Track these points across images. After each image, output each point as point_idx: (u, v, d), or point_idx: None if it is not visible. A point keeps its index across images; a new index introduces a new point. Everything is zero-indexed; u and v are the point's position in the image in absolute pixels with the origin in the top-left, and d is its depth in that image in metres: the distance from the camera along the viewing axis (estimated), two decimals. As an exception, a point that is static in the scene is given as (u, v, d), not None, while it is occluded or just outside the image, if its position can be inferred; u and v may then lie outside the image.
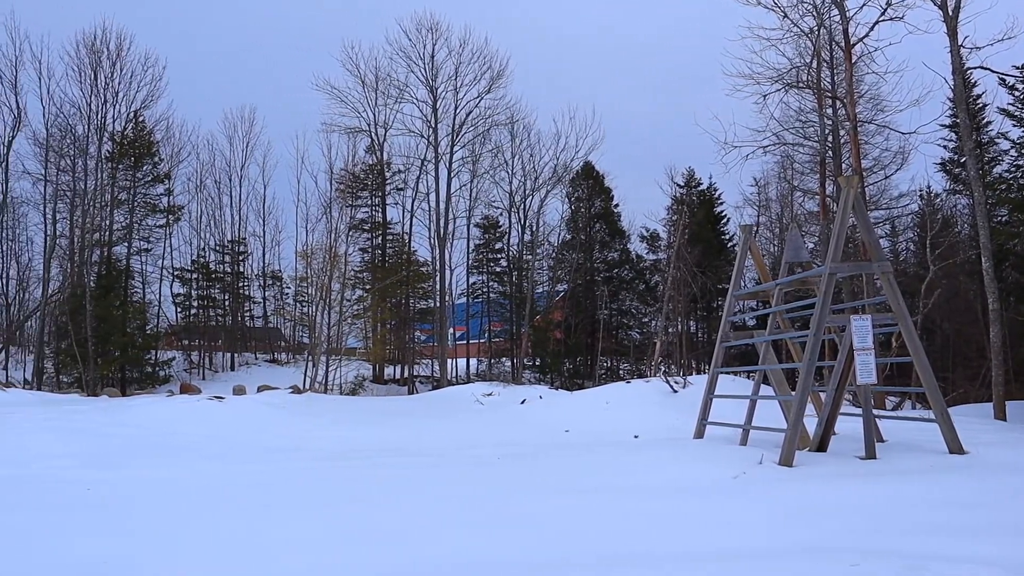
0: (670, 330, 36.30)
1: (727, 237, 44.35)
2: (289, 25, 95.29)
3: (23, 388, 29.88)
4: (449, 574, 5.02)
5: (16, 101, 39.36)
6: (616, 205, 45.50)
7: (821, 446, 10.42)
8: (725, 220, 45.16)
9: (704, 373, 29.06)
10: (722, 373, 13.07)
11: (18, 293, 44.30)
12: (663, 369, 29.21)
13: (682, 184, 45.08)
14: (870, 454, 9.53)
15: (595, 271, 44.63)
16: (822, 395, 11.80)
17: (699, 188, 45.23)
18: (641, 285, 45.20)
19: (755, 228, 32.22)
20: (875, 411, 10.41)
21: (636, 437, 13.71)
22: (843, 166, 25.80)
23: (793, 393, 10.49)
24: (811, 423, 10.98)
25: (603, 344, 39.74)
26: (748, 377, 21.28)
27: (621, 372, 42.08)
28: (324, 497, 8.07)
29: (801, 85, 25.72)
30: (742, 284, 13.31)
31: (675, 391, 18.93)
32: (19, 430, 13.61)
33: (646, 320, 45.35)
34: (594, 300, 43.50)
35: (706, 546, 5.57)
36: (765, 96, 24.61)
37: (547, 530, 6.24)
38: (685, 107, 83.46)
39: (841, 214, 10.24)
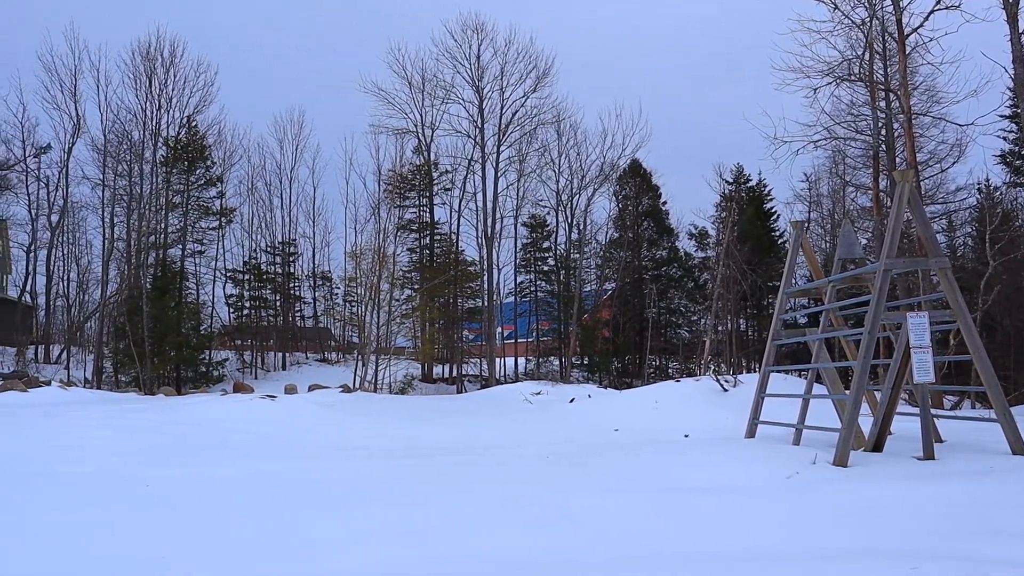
0: (719, 328, 35.93)
1: (777, 234, 43.73)
2: (336, 28, 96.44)
3: (84, 387, 30.66)
4: (498, 572, 5.01)
5: (76, 109, 40.50)
6: (664, 203, 45.23)
7: (877, 446, 10.22)
8: (775, 217, 44.54)
9: (754, 372, 28.69)
10: (774, 372, 12.88)
11: (78, 295, 45.54)
12: (713, 368, 28.93)
13: (731, 181, 44.62)
14: (928, 455, 9.31)
15: (643, 269, 44.36)
16: (877, 394, 11.58)
17: (748, 184, 44.68)
18: (690, 283, 44.81)
19: (806, 224, 31.72)
20: (933, 411, 10.17)
21: (686, 436, 13.59)
22: (897, 160, 25.25)
23: (847, 392, 10.29)
24: (866, 423, 10.78)
25: (652, 343, 39.48)
26: (800, 376, 20.97)
27: (670, 371, 41.79)
28: (370, 494, 8.14)
29: (853, 78, 25.22)
30: (793, 281, 13.11)
31: (725, 390, 18.72)
32: (80, 428, 13.96)
33: (695, 318, 44.97)
34: (642, 298, 43.22)
35: (759, 547, 5.49)
36: (815, 90, 24.17)
37: (594, 530, 6.21)
38: (733, 103, 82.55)
39: (896, 209, 10.02)
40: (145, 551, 5.57)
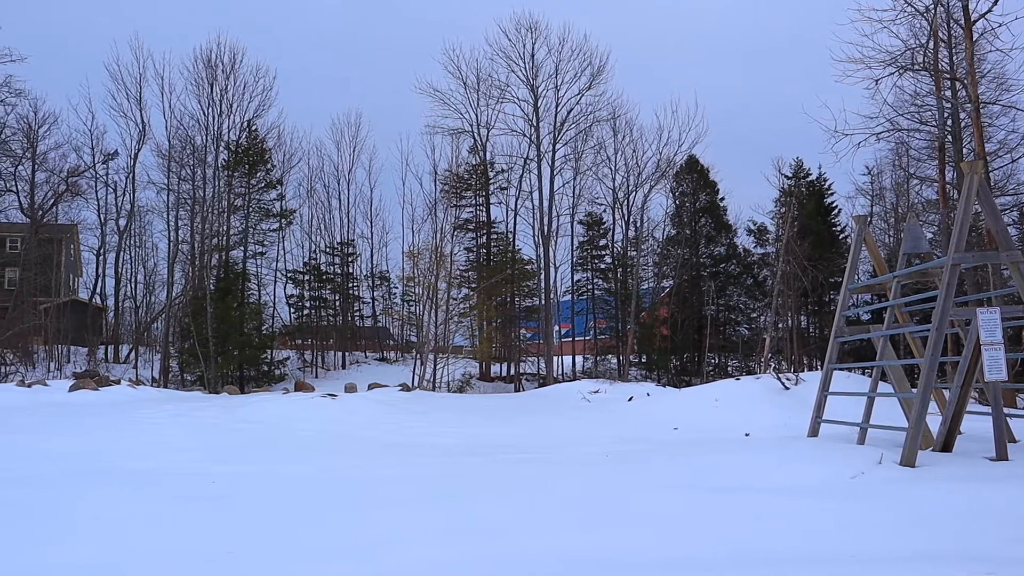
0: (780, 326, 35.36)
1: (839, 229, 42.90)
2: (392, 30, 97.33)
3: (151, 386, 31.50)
4: (557, 570, 5.00)
5: (141, 116, 41.82)
6: (722, 199, 44.70)
7: (946, 446, 9.93)
8: (836, 211, 43.71)
9: (816, 370, 28.15)
10: (836, 369, 12.61)
11: (145, 296, 46.93)
12: (773, 366, 28.46)
13: (790, 175, 43.91)
14: (1001, 455, 9.02)
15: (701, 266, 43.88)
16: (945, 392, 11.27)
17: (808, 179, 43.92)
18: (749, 280, 44.19)
19: (869, 219, 31.08)
20: (1005, 409, 9.85)
21: (747, 435, 13.40)
22: (964, 151, 24.52)
23: (914, 390, 10.03)
24: (934, 422, 10.49)
25: (711, 340, 39.04)
26: (864, 374, 20.52)
27: (730, 369, 41.25)
28: (431, 492, 8.19)
29: (917, 67, 24.54)
30: (856, 277, 12.81)
31: (787, 388, 18.41)
32: (149, 425, 14.37)
33: (755, 316, 44.32)
34: (700, 296, 42.76)
35: (824, 548, 5.39)
36: (877, 80, 23.54)
37: (656, 529, 6.16)
38: (792, 96, 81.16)
39: (964, 202, 9.73)
40: (212, 545, 5.70)
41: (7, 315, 35.87)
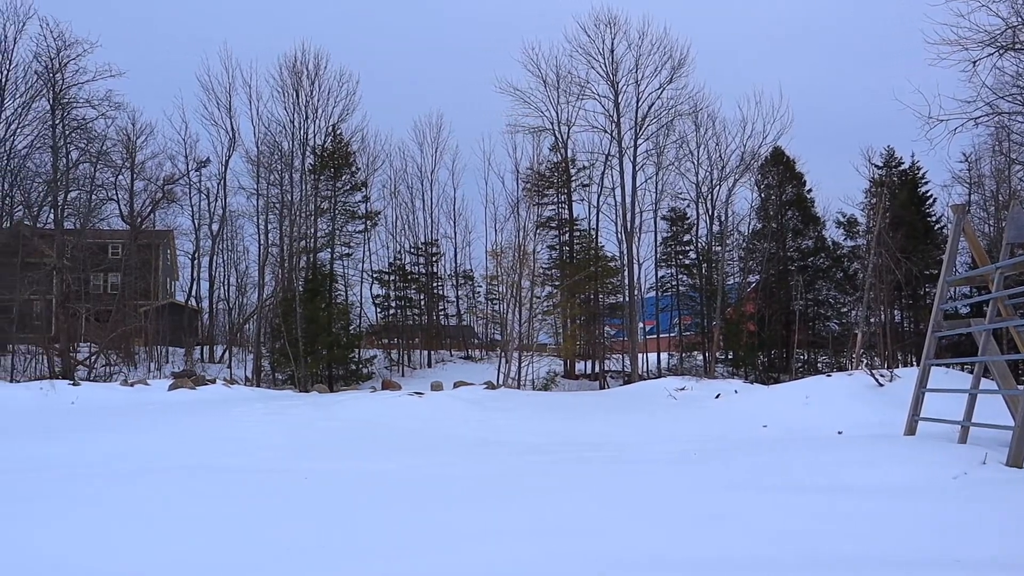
0: (872, 320, 34.26)
1: (933, 219, 41.30)
2: (471, 31, 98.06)
3: (244, 385, 32.49)
4: (644, 569, 4.96)
5: (231, 124, 43.17)
6: (809, 190, 43.50)
7: (1055, 445, 9.46)
8: (931, 201, 42.06)
9: (911, 366, 27.19)
10: (934, 365, 12.14)
11: (238, 298, 48.43)
12: (866, 362, 27.61)
13: (880, 165, 42.45)
14: (1116, 454, 8.55)
15: (788, 260, 42.86)
16: (1054, 388, 10.73)
17: (900, 168, 42.40)
18: (839, 273, 42.92)
19: (967, 208, 29.79)
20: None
21: (840, 433, 13.05)
22: (1072, 134, 23.30)
23: (1021, 387, 9.58)
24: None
25: (799, 336, 38.10)
26: (963, 370, 19.72)
27: (819, 365, 40.18)
28: (521, 489, 8.22)
29: (1019, 46, 23.43)
30: (954, 269, 12.30)
31: (881, 385, 17.83)
32: (244, 423, 14.84)
33: (845, 310, 43.05)
34: (788, 290, 41.76)
35: (924, 552, 5.20)
36: (975, 62, 22.51)
37: (747, 530, 6.04)
38: (882, 83, 78.54)
39: (1072, 188, 9.24)
40: (304, 538, 5.84)
41: (110, 318, 37.52)
